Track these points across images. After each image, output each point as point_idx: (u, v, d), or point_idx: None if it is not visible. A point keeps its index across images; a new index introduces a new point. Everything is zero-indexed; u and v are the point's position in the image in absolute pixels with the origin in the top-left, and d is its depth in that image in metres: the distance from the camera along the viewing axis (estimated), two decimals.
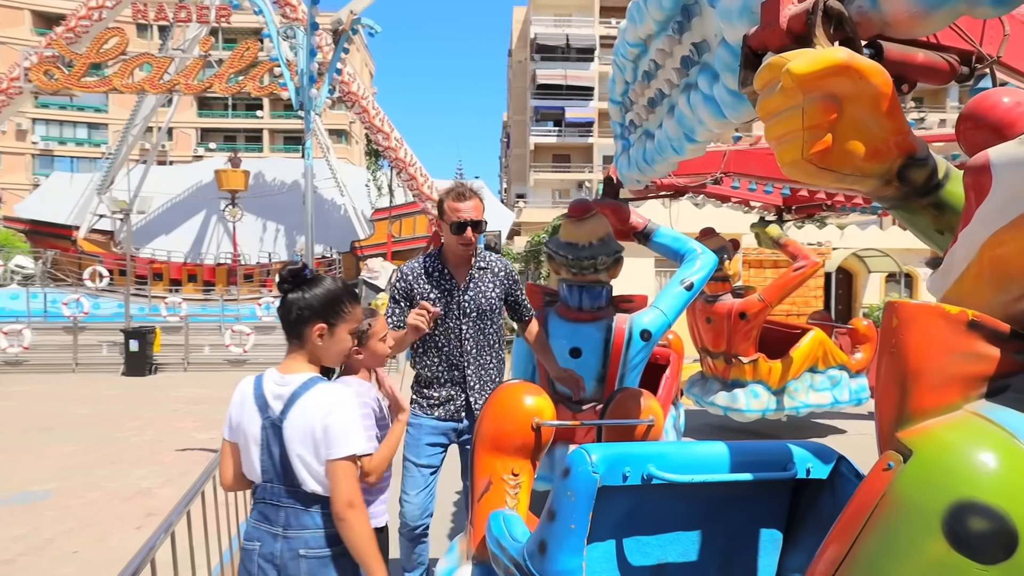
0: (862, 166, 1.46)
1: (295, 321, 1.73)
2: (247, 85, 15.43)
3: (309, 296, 1.73)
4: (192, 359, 12.91)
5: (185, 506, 2.27)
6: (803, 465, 1.80)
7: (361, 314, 1.93)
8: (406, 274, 2.72)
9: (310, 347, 1.75)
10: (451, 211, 2.62)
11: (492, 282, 2.76)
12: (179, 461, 6.10)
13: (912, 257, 18.92)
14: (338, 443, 1.63)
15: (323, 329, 1.74)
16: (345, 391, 1.74)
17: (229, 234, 20.87)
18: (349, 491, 1.63)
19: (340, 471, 1.63)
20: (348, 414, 1.67)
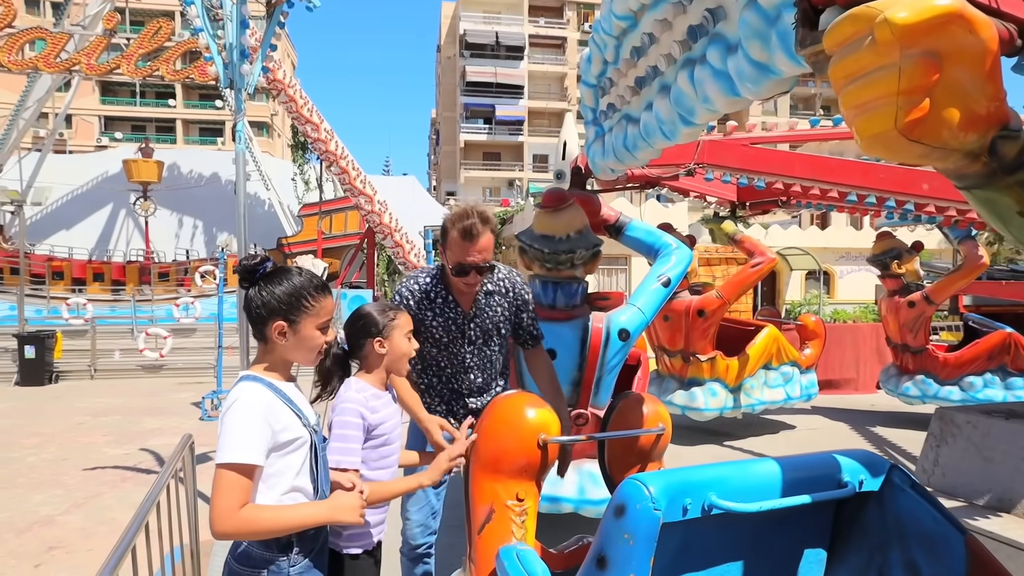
0: (955, 137, 1.26)
1: (255, 320, 1.59)
2: (159, 68, 14.20)
3: (267, 292, 1.57)
4: (100, 365, 11.79)
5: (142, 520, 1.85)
6: (855, 478, 1.61)
7: (332, 305, 1.67)
8: (405, 296, 2.33)
9: (273, 346, 1.59)
10: (455, 248, 2.16)
11: (500, 305, 2.38)
12: (87, 482, 5.40)
13: (829, 256, 19.95)
14: (220, 448, 1.44)
15: (283, 327, 1.57)
16: (247, 392, 1.51)
17: (141, 230, 19.32)
18: (228, 501, 1.41)
19: (216, 480, 1.42)
20: (237, 418, 1.46)
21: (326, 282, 1.68)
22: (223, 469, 1.42)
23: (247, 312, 1.61)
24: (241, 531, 1.44)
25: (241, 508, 1.42)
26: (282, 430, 1.52)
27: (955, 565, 1.51)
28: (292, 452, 1.55)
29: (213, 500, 1.42)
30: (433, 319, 2.29)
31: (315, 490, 1.61)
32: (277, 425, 1.51)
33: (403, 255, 14.31)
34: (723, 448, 5.69)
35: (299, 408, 1.60)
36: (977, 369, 5.87)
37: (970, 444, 3.56)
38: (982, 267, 5.68)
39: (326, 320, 1.63)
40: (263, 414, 1.48)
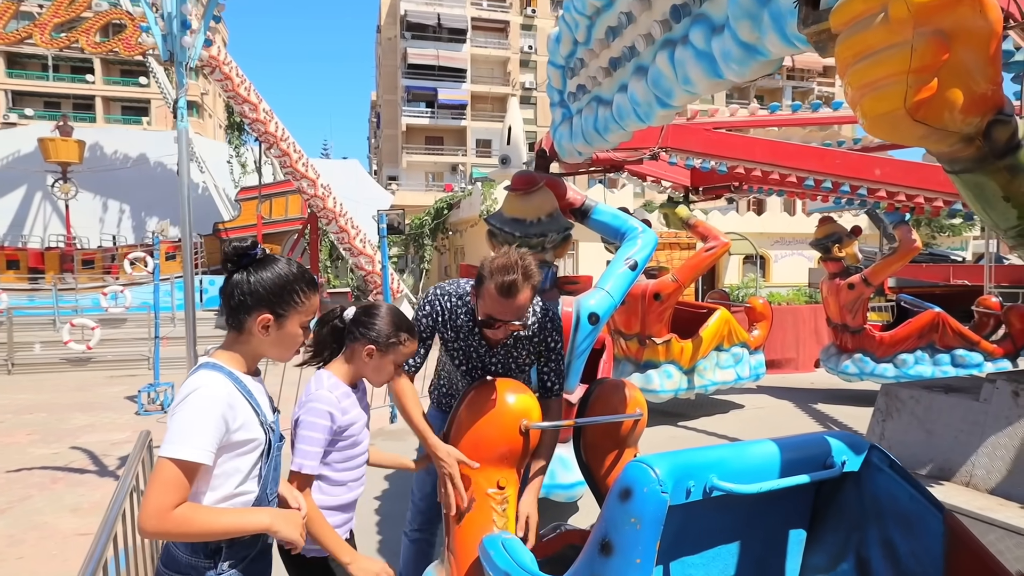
0: (955, 119, 1.27)
1: (236, 308, 1.47)
2: (78, 39, 13.20)
3: (255, 280, 1.45)
4: (18, 359, 10.97)
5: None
6: (839, 458, 1.64)
7: (317, 304, 1.57)
8: (437, 311, 2.12)
9: (249, 339, 1.48)
10: (489, 301, 1.92)
11: (526, 349, 2.18)
12: (11, 485, 5.02)
13: (765, 241, 20.74)
14: (165, 440, 1.33)
15: (268, 320, 1.47)
16: (207, 382, 1.39)
17: (60, 214, 18.04)
18: (164, 498, 1.30)
19: (156, 473, 1.32)
20: (192, 410, 1.35)
21: (315, 279, 1.57)
22: (166, 462, 1.31)
23: (227, 298, 1.47)
24: (171, 531, 1.32)
25: (175, 507, 1.30)
26: (238, 429, 1.40)
27: (932, 542, 1.55)
28: (244, 454, 1.44)
29: (147, 495, 1.30)
30: (455, 341, 2.13)
31: (261, 496, 1.49)
32: (234, 424, 1.39)
33: (348, 240, 13.93)
34: (678, 428, 5.82)
35: (259, 406, 1.48)
36: (909, 347, 6.22)
37: (913, 418, 3.75)
38: (916, 250, 6.00)
39: (309, 319, 1.54)
40: (221, 410, 1.37)
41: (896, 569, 1.61)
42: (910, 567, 1.59)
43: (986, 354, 6.17)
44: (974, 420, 3.50)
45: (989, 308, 6.58)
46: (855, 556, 1.68)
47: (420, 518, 2.44)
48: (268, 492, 1.52)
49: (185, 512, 1.32)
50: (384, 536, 3.59)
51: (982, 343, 6.20)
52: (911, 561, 1.59)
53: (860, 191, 3.62)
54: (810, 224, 19.98)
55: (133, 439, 6.22)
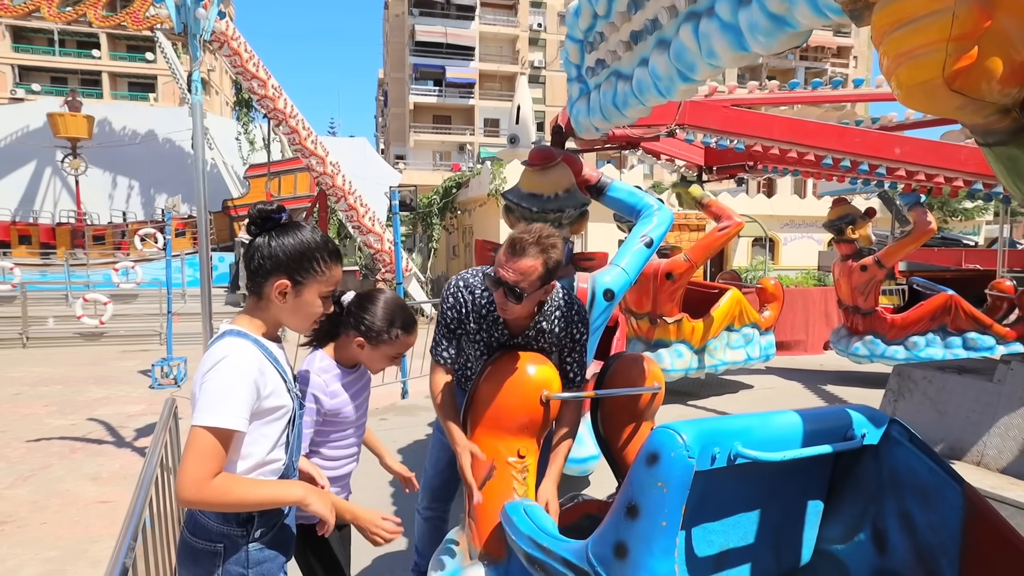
0: (993, 89, 1.26)
1: (255, 271, 1.44)
2: (86, 12, 13.13)
3: (276, 244, 1.43)
4: (32, 333, 11.11)
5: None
6: (860, 431, 1.65)
7: (340, 275, 1.55)
8: (461, 303, 2.06)
9: (268, 305, 1.46)
10: (499, 257, 1.90)
11: (549, 342, 2.11)
12: (32, 454, 5.12)
13: (774, 223, 20.61)
14: (198, 409, 1.32)
15: (285, 286, 1.43)
16: (236, 349, 1.37)
17: (70, 189, 18.08)
18: (201, 467, 1.28)
19: (192, 443, 1.30)
20: (224, 377, 1.33)
21: (339, 250, 1.55)
22: (201, 431, 1.29)
23: (247, 261, 1.46)
24: (209, 501, 1.31)
25: (214, 477, 1.29)
26: (268, 395, 1.40)
27: (949, 514, 1.57)
28: (273, 421, 1.44)
29: (185, 464, 1.29)
30: (478, 331, 2.10)
31: (288, 464, 1.50)
32: (264, 390, 1.39)
33: (357, 219, 13.92)
34: (687, 407, 5.86)
35: (285, 372, 1.48)
36: (921, 329, 6.21)
37: (925, 398, 3.76)
38: (931, 232, 5.96)
39: (330, 290, 1.51)
40: (252, 376, 1.36)
41: (913, 540, 1.64)
42: (927, 538, 1.61)
43: (999, 337, 6.15)
44: (987, 401, 3.51)
45: (1003, 291, 6.55)
46: (871, 527, 1.71)
47: (433, 496, 2.46)
48: (294, 460, 1.53)
49: (224, 482, 1.31)
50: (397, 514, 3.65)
51: (995, 326, 6.18)
52: (928, 533, 1.61)
53: (879, 170, 3.59)
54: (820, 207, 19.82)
55: (148, 412, 6.34)
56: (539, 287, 1.88)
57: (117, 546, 1.36)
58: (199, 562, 1.42)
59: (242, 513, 1.42)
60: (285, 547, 1.54)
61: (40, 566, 3.29)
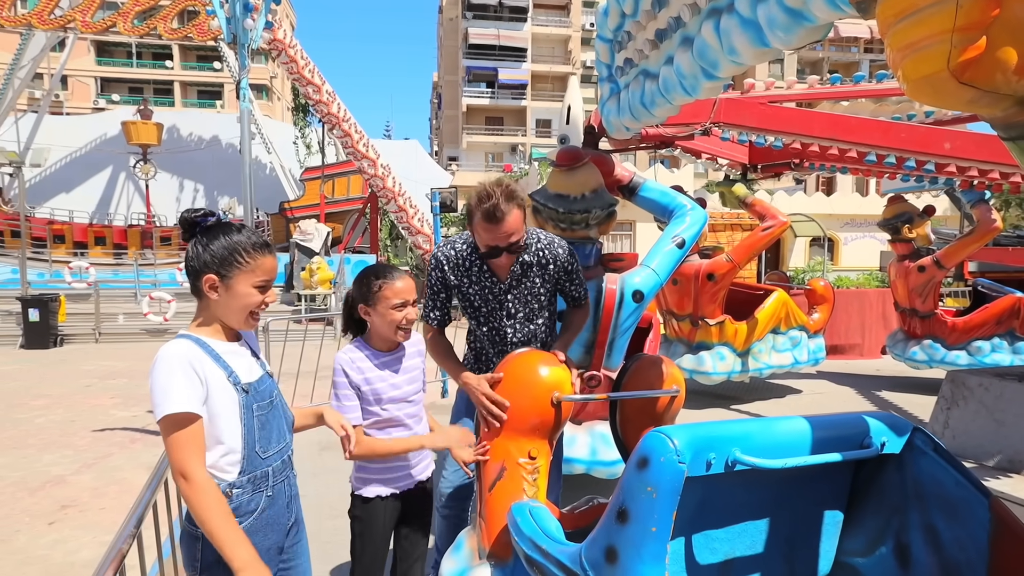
0: (1008, 81, 1.19)
1: (189, 272, 1.56)
2: (156, 26, 13.89)
3: (202, 246, 1.54)
4: (104, 329, 11.81)
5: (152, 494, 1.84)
6: (878, 439, 1.58)
7: (272, 265, 1.62)
8: (441, 262, 2.19)
9: (207, 302, 1.57)
10: (482, 232, 2.01)
11: (540, 277, 2.19)
12: (96, 443, 5.45)
13: (834, 223, 19.83)
14: (155, 404, 1.43)
15: (213, 281, 1.53)
16: (170, 348, 1.48)
17: (141, 193, 19.17)
18: (178, 458, 1.41)
19: (164, 434, 1.43)
20: (162, 374, 1.44)
21: (267, 241, 1.63)
22: (163, 424, 1.40)
23: (185, 266, 1.57)
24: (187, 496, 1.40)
25: (198, 462, 1.40)
26: (208, 387, 1.48)
27: (977, 529, 1.49)
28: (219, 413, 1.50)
29: (173, 455, 1.40)
30: (470, 286, 2.18)
31: (250, 455, 1.55)
32: (204, 379, 1.47)
33: (407, 220, 14.20)
34: (730, 412, 5.71)
35: (227, 365, 1.53)
36: (985, 334, 5.85)
37: (981, 406, 3.55)
38: (995, 231, 5.61)
39: (264, 279, 1.57)
40: (184, 366, 1.44)
41: (938, 555, 1.56)
42: (953, 554, 1.53)
43: None
44: None
45: None
46: (895, 541, 1.63)
47: (451, 494, 2.49)
48: (259, 452, 1.57)
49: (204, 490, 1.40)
50: None
51: None
52: (954, 548, 1.53)
53: (927, 167, 3.41)
54: (883, 205, 18.90)
55: None
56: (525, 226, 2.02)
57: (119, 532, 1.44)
58: (187, 546, 1.54)
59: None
60: (264, 533, 1.59)
61: (97, 549, 3.49)
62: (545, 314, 2.30)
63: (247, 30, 4.34)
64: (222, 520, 1.40)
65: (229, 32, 4.38)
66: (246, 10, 4.31)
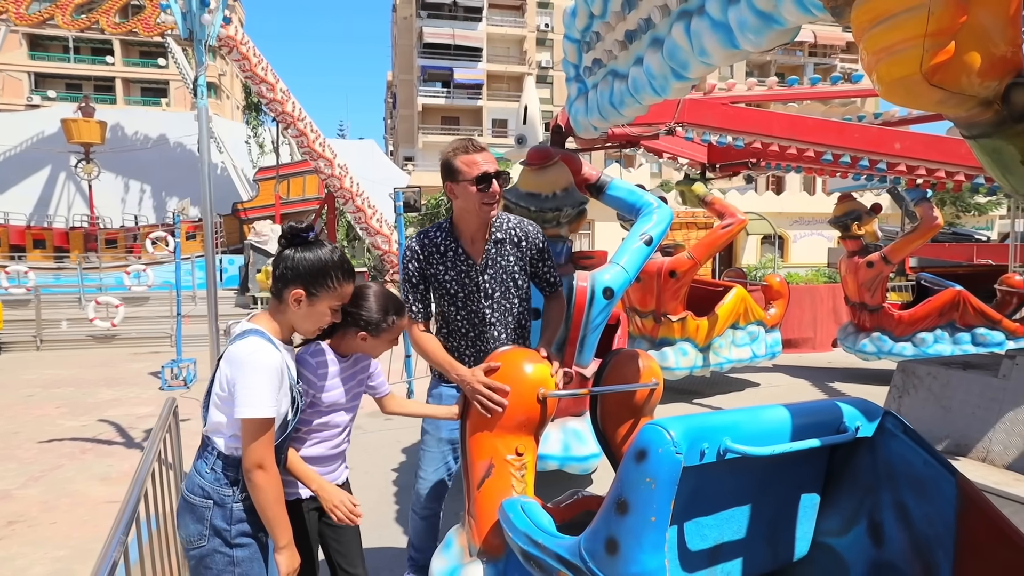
0: (972, 83, 1.26)
1: (279, 278, 1.69)
2: (98, 20, 13.31)
3: (299, 257, 1.67)
4: (46, 336, 11.26)
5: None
6: (852, 423, 1.66)
7: (350, 291, 1.78)
8: (417, 251, 2.24)
9: (285, 309, 1.69)
10: (468, 166, 2.13)
11: (513, 255, 2.28)
12: (43, 455, 5.19)
13: (783, 220, 20.50)
14: (240, 404, 1.56)
15: (300, 295, 1.67)
16: (263, 354, 1.59)
17: (84, 194, 18.32)
18: (256, 452, 1.57)
19: (245, 431, 1.58)
20: (252, 376, 1.57)
21: (354, 270, 1.77)
22: (252, 422, 1.54)
23: (274, 268, 1.68)
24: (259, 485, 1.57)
25: (268, 458, 1.56)
26: (284, 393, 1.64)
27: (944, 505, 1.58)
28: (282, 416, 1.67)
29: (251, 448, 1.55)
30: (445, 272, 2.24)
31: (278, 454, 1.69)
32: (284, 386, 1.63)
33: (365, 220, 14.01)
34: (693, 406, 5.84)
35: (292, 373, 1.71)
36: (928, 326, 6.16)
37: (930, 394, 3.74)
38: (937, 227, 5.91)
39: (340, 304, 1.74)
40: (278, 375, 1.59)
41: (909, 532, 1.64)
42: (922, 530, 1.61)
43: (1008, 332, 6.09)
44: (992, 396, 3.48)
45: (1012, 286, 6.48)
46: (868, 520, 1.71)
47: (429, 495, 2.48)
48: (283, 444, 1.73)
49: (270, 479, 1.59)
50: (401, 506, 3.68)
51: (1004, 321, 6.12)
52: (924, 524, 1.61)
53: (879, 165, 3.58)
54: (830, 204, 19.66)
55: (157, 413, 6.38)
56: None
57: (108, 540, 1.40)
58: (192, 515, 1.62)
59: (231, 474, 1.63)
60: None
61: (49, 565, 3.34)
62: (521, 294, 2.34)
63: (204, 26, 4.21)
64: (280, 506, 1.61)
65: (185, 28, 4.25)
66: (203, 5, 4.18)
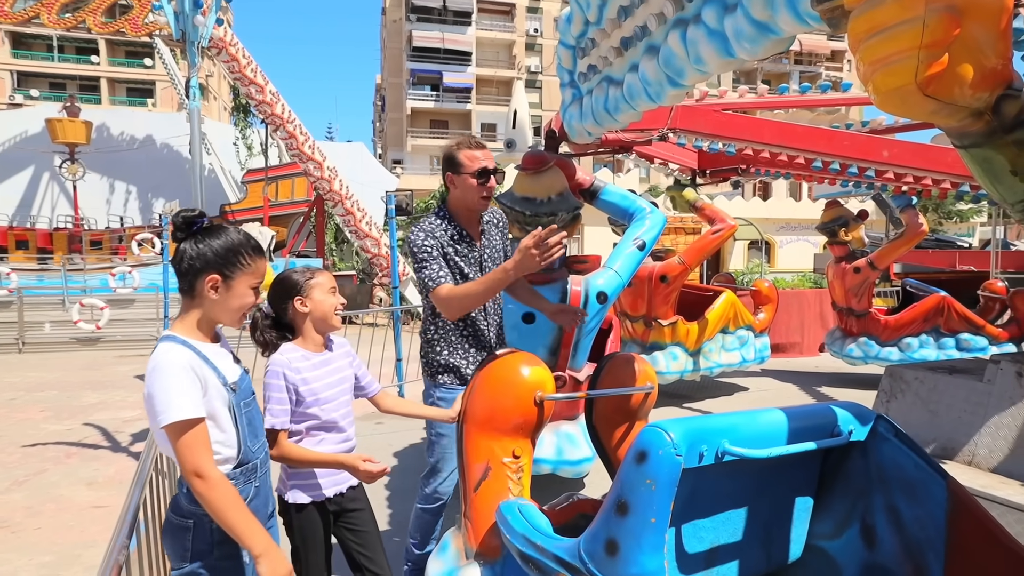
0: (965, 94, 1.30)
1: (186, 272, 1.57)
2: (85, 19, 13.17)
3: (203, 245, 1.57)
4: (29, 338, 11.10)
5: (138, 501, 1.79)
6: (846, 427, 1.68)
7: (265, 268, 1.68)
8: (434, 232, 2.39)
9: (202, 301, 1.58)
10: (470, 160, 2.39)
11: (499, 235, 2.58)
12: (27, 459, 5.12)
13: (770, 226, 20.69)
14: (158, 411, 1.46)
15: (216, 280, 1.56)
16: (167, 355, 1.50)
17: (68, 194, 18.09)
18: (190, 460, 1.45)
19: (172, 439, 1.46)
20: (162, 379, 1.47)
21: (260, 245, 1.69)
22: (177, 427, 1.43)
23: (177, 265, 1.58)
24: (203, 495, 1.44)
25: (209, 463, 1.44)
26: (206, 390, 1.53)
27: (935, 508, 1.60)
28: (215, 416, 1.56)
29: (184, 456, 1.43)
30: (456, 255, 2.40)
31: (246, 451, 1.62)
32: (203, 382, 1.52)
33: (354, 223, 13.96)
34: (683, 410, 5.88)
35: (217, 368, 1.58)
36: (914, 331, 6.25)
37: (917, 398, 3.79)
38: (922, 234, 6.00)
39: (258, 282, 1.64)
40: (187, 370, 1.48)
41: (900, 535, 1.67)
42: (914, 533, 1.64)
43: (991, 338, 6.20)
44: (978, 400, 3.54)
45: (995, 292, 6.59)
46: (860, 523, 1.74)
47: (433, 491, 2.52)
48: (250, 446, 1.64)
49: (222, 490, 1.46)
50: (394, 510, 3.67)
51: (987, 327, 6.23)
52: (915, 527, 1.64)
53: (867, 173, 3.63)
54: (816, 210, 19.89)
55: (143, 416, 6.33)
56: None
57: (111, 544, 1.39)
58: (175, 536, 1.57)
59: None
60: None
61: (34, 571, 3.29)
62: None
63: (197, 27, 4.19)
64: (239, 512, 1.46)
65: (177, 29, 4.23)
66: (196, 6, 4.16)
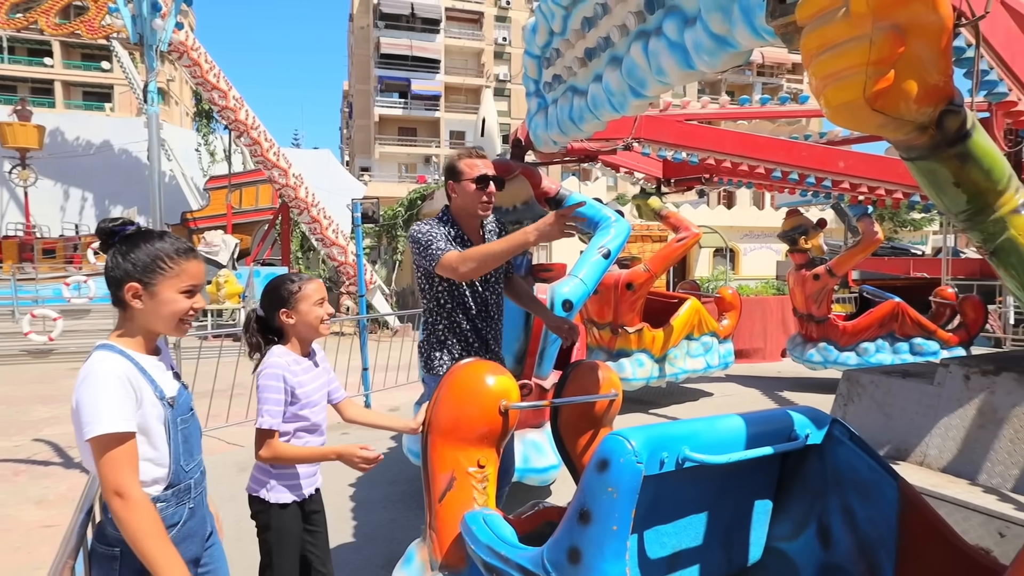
0: (910, 109, 1.35)
1: (110, 283, 1.52)
2: (37, 20, 12.78)
3: (120, 255, 1.51)
4: None
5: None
6: (803, 431, 1.72)
7: (199, 270, 1.60)
8: (442, 227, 2.47)
9: (132, 312, 1.52)
10: (470, 167, 2.44)
11: (491, 234, 2.66)
12: None
13: (734, 234, 21.11)
14: (84, 423, 1.36)
15: (136, 289, 1.49)
16: (101, 363, 1.43)
17: (19, 201, 17.44)
18: (112, 477, 1.36)
19: (96, 454, 1.37)
20: (94, 389, 1.38)
21: (191, 246, 1.61)
22: (102, 441, 1.34)
23: (105, 277, 1.53)
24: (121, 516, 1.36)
25: (134, 480, 1.36)
26: (141, 402, 1.45)
27: (887, 508, 1.66)
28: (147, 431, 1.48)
29: (105, 473, 1.35)
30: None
31: (177, 470, 1.54)
32: (137, 396, 1.44)
33: (321, 231, 13.78)
34: (649, 416, 5.95)
35: (154, 381, 1.51)
36: (870, 336, 6.44)
37: (872, 401, 3.90)
38: (878, 242, 6.21)
39: (190, 284, 1.55)
40: (121, 381, 1.41)
41: (855, 534, 1.72)
42: (867, 532, 1.69)
43: (942, 342, 6.43)
44: (928, 403, 3.66)
45: (945, 299, 6.84)
46: (817, 523, 1.78)
47: None
48: (184, 465, 1.56)
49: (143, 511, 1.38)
50: (359, 521, 3.62)
51: (938, 332, 6.45)
52: (868, 526, 1.69)
53: (825, 183, 3.75)
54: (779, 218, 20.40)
55: None
56: None
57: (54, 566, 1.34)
58: (101, 567, 1.48)
59: None
60: (185, 546, 1.57)
61: None
62: (499, 276, 2.61)
63: (155, 31, 4.11)
64: (157, 539, 1.37)
65: (135, 32, 4.13)
66: (155, 9, 4.08)
